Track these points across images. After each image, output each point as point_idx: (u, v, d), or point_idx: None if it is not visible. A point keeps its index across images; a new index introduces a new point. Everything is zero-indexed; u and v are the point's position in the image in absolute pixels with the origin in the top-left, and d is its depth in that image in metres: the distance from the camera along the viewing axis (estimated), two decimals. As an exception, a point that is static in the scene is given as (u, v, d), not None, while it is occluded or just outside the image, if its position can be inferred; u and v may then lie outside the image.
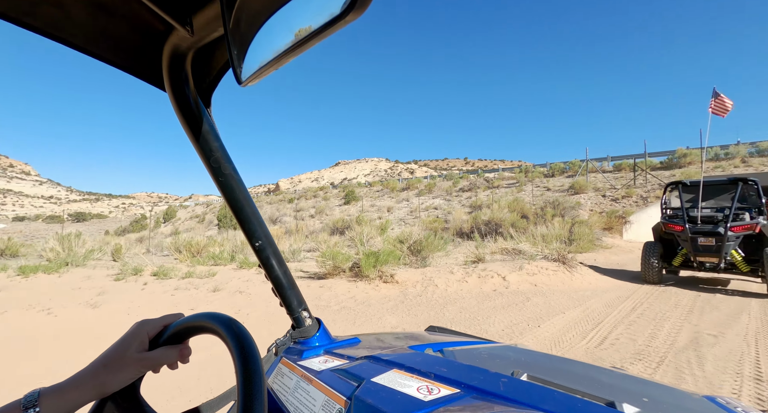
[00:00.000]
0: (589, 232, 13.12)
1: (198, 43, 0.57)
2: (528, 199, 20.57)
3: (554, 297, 5.67)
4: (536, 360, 0.98)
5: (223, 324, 0.52)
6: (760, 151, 17.87)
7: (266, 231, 0.84)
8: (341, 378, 0.72)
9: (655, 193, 16.87)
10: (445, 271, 6.32)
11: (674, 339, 4.02)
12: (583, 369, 0.95)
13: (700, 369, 3.24)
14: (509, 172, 28.80)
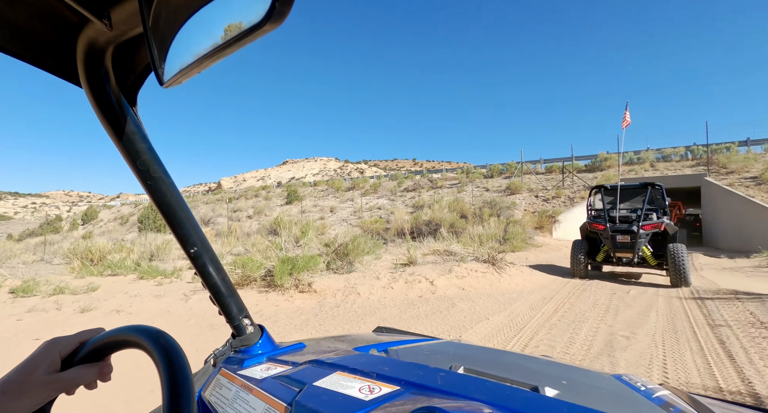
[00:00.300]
0: (522, 232, 13.53)
1: (118, 39, 0.53)
2: (468, 199, 21.02)
3: (481, 301, 5.45)
4: (473, 354, 1.06)
5: (150, 337, 0.50)
6: (664, 157, 20.01)
7: (202, 236, 0.79)
8: (283, 384, 0.71)
9: (581, 193, 18.03)
10: (372, 277, 5.85)
11: (590, 343, 3.90)
12: (514, 359, 1.05)
13: (613, 379, 3.07)
14: (452, 173, 29.43)
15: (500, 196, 20.23)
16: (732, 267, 10.17)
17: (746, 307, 4.94)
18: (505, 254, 12.20)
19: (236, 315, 0.88)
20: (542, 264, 10.73)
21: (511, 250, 12.61)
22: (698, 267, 10.44)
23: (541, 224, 16.13)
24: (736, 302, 5.28)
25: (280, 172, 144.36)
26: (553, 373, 0.90)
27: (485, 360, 1.01)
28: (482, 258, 7.19)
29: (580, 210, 16.93)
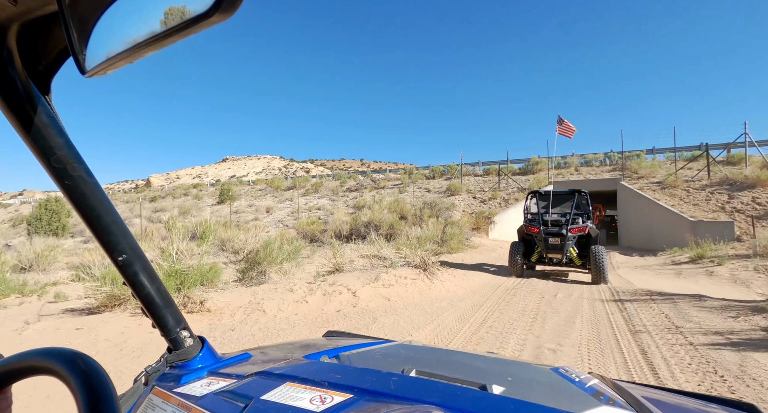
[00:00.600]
0: (460, 233, 13.51)
1: (25, 16, 0.47)
2: (409, 200, 20.87)
3: (407, 313, 4.92)
4: (424, 355, 1.09)
5: (64, 360, 0.44)
6: (587, 162, 21.64)
7: (132, 242, 0.72)
8: (226, 400, 0.68)
9: (515, 195, 18.71)
10: (285, 289, 5.05)
11: (517, 358, 3.53)
12: (463, 358, 1.10)
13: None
14: (395, 174, 29.29)
15: (440, 197, 20.34)
16: (643, 265, 10.93)
17: (661, 309, 4.98)
18: (441, 256, 12.07)
19: (173, 327, 0.81)
20: (478, 264, 10.67)
21: (448, 252, 12.49)
22: (615, 265, 11.09)
23: (478, 225, 16.37)
24: (651, 304, 5.35)
25: (219, 170, 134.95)
26: (499, 370, 0.95)
27: (436, 360, 1.04)
28: (414, 263, 6.72)
29: (514, 211, 17.52)
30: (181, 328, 0.83)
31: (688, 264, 10.02)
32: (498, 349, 3.82)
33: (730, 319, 4.24)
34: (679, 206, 13.69)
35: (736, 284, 7.75)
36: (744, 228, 11.83)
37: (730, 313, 4.47)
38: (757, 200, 12.61)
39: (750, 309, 4.47)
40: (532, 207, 8.92)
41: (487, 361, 1.05)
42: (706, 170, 15.16)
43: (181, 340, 0.83)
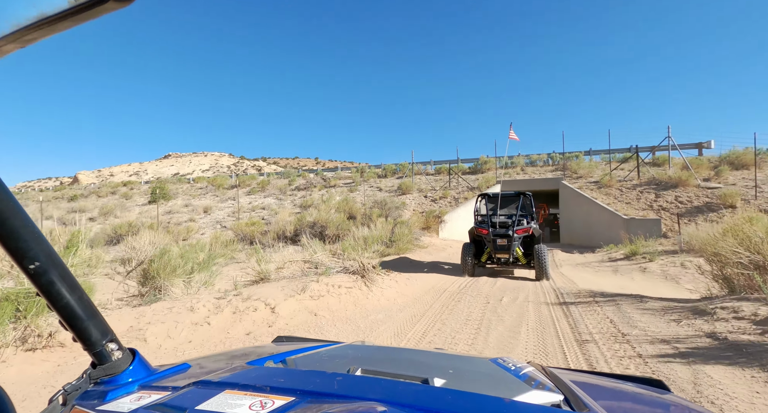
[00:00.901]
0: (409, 233, 13.03)
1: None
2: (360, 199, 20.17)
3: (335, 330, 4.19)
4: (371, 355, 1.11)
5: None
6: (532, 162, 22.41)
7: (47, 248, 0.66)
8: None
9: (465, 194, 18.73)
10: (184, 308, 4.08)
11: (461, 352, 2.94)
12: (408, 355, 1.15)
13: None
14: (347, 172, 28.43)
15: (391, 196, 19.86)
16: (583, 262, 11.17)
17: (605, 313, 4.72)
18: (388, 258, 11.51)
19: (97, 340, 0.75)
20: (425, 265, 10.23)
21: (397, 253, 11.95)
22: (558, 263, 11.23)
23: (428, 224, 16.08)
24: (595, 307, 5.10)
25: (160, 167, 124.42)
26: (442, 364, 1.00)
27: (382, 359, 1.05)
28: (352, 268, 6.00)
29: (464, 210, 17.49)
30: (108, 341, 0.77)
31: (623, 261, 10.34)
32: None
33: (673, 324, 4.01)
34: (614, 204, 14.35)
35: (667, 280, 7.97)
36: (669, 225, 12.58)
37: (671, 316, 4.28)
38: (679, 198, 13.54)
39: (690, 311, 4.31)
40: (482, 209, 9.19)
41: (432, 356, 1.11)
42: (636, 171, 16.11)
43: (107, 354, 0.77)
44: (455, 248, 14.69)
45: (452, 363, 1.02)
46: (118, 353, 0.78)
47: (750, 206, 12.01)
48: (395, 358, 1.07)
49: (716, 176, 14.24)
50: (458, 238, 16.82)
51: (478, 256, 8.40)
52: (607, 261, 10.74)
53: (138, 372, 0.81)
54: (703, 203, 12.93)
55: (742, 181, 13.75)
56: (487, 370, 0.96)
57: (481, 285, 7.13)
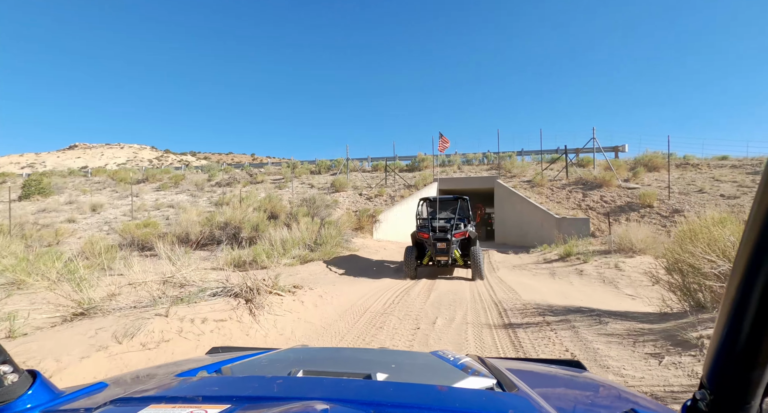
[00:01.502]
0: (337, 235, 11.44)
1: None
2: (288, 196, 18.09)
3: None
4: (313, 356, 1.09)
5: None
6: (468, 160, 22.21)
7: None
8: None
9: (401, 192, 17.65)
10: None
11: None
12: (352, 354, 1.18)
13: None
14: (277, 167, 25.94)
15: (324, 194, 18.10)
16: (519, 264, 10.57)
17: (563, 342, 3.62)
18: (311, 264, 9.82)
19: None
20: (351, 273, 8.73)
21: (321, 258, 10.30)
22: (495, 266, 10.49)
23: (361, 224, 14.64)
24: (548, 331, 4.00)
25: (63, 159, 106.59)
26: (385, 360, 1.00)
27: (325, 359, 1.05)
28: (233, 291, 4.24)
29: (400, 209, 16.36)
30: (0, 362, 0.67)
31: (558, 263, 9.87)
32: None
33: (653, 362, 2.97)
34: (546, 204, 14.23)
35: (605, 284, 7.43)
36: (596, 224, 12.64)
37: (645, 347, 3.27)
38: (604, 198, 13.80)
39: (665, 339, 3.35)
40: (424, 212, 9.48)
41: (374, 354, 1.15)
42: (565, 171, 16.35)
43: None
44: (390, 250, 13.45)
45: (394, 358, 1.06)
46: (12, 376, 0.67)
47: (664, 206, 12.47)
48: (338, 358, 1.09)
49: (634, 177, 14.87)
50: (393, 239, 15.64)
51: (420, 258, 8.61)
52: (543, 263, 10.22)
53: (39, 396, 0.71)
54: (625, 203, 13.26)
55: (656, 181, 14.47)
56: (428, 362, 1.01)
57: (412, 300, 5.83)
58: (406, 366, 0.95)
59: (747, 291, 0.46)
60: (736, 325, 0.48)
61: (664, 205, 12.54)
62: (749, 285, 0.45)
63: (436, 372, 0.90)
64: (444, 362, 0.97)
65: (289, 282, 5.39)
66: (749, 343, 0.47)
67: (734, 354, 0.49)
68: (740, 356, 0.48)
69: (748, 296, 0.46)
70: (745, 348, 0.48)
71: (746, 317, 0.46)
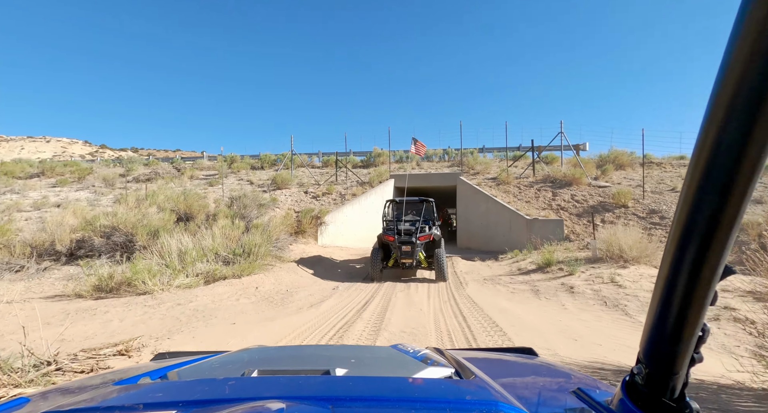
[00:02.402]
0: (265, 242, 8.79)
1: None
2: (216, 194, 15.01)
3: None
4: (269, 355, 1.02)
5: None
6: (428, 157, 20.33)
7: None
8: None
9: (353, 189, 15.27)
10: None
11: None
12: (310, 351, 1.12)
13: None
14: (213, 162, 22.43)
15: (262, 191, 15.24)
16: (490, 276, 8.62)
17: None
18: (216, 286, 7.04)
19: None
20: (273, 296, 6.15)
21: (239, 273, 7.62)
22: (461, 278, 8.45)
23: (303, 228, 12.06)
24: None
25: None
26: (343, 355, 0.97)
27: (281, 358, 1.00)
28: None
29: (351, 210, 13.97)
30: None
31: (538, 275, 8.02)
32: None
33: None
34: (515, 203, 12.59)
35: (608, 308, 5.57)
36: (570, 227, 11.12)
37: None
38: (575, 197, 12.42)
39: None
40: (389, 214, 9.24)
41: (333, 350, 1.12)
42: (531, 168, 14.91)
43: None
44: (337, 258, 11.00)
45: (354, 353, 1.02)
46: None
47: (640, 205, 11.25)
48: (296, 356, 1.04)
49: (603, 175, 13.73)
50: (342, 244, 13.21)
51: (386, 260, 8.43)
52: (519, 275, 8.33)
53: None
54: (598, 202, 11.93)
55: (625, 180, 13.41)
56: (388, 355, 0.99)
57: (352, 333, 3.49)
58: (366, 360, 0.94)
59: (676, 272, 0.50)
60: (666, 305, 0.52)
61: (639, 204, 11.31)
62: (677, 268, 0.49)
63: (396, 365, 0.91)
64: (404, 355, 0.98)
65: (129, 335, 2.81)
66: (677, 320, 0.52)
67: (665, 331, 0.54)
68: (670, 332, 0.53)
69: (676, 276, 0.50)
70: (674, 325, 0.52)
71: (674, 297, 0.51)
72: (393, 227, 8.28)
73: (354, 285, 7.81)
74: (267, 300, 6.34)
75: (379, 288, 7.48)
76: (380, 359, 0.94)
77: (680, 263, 0.49)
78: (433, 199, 9.11)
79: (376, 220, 14.80)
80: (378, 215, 15.15)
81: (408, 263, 8.02)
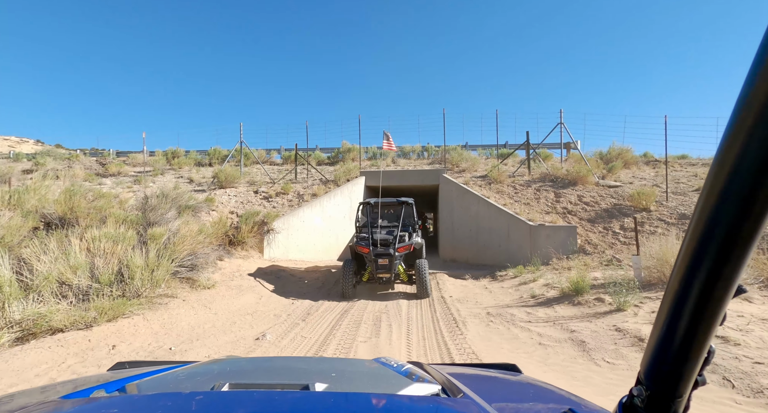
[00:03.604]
0: (165, 262, 5.76)
1: None
2: (142, 193, 11.69)
3: None
4: (241, 367, 0.95)
5: None
6: (405, 153, 17.82)
7: None
8: None
9: (314, 189, 12.37)
10: None
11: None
12: (286, 363, 1.02)
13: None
14: (153, 157, 18.82)
15: (198, 191, 12.08)
16: (494, 306, 5.99)
17: None
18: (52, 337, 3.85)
19: None
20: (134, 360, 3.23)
21: (89, 322, 4.55)
22: (454, 311, 5.75)
23: (242, 237, 9.04)
24: None
25: None
26: (322, 369, 0.91)
27: (255, 370, 0.93)
28: None
29: (310, 213, 11.06)
30: None
31: (566, 307, 5.44)
32: None
33: None
34: (512, 206, 10.15)
35: (742, 394, 3.03)
36: (583, 235, 8.76)
37: None
38: (583, 199, 10.14)
39: None
40: (362, 219, 7.94)
41: (312, 362, 1.04)
42: (524, 165, 12.59)
43: None
44: (287, 277, 8.10)
45: (334, 366, 0.97)
46: None
47: (665, 209, 9.06)
48: (270, 368, 0.94)
49: (610, 173, 11.58)
50: (298, 257, 10.27)
51: (359, 274, 7.25)
52: (537, 306, 5.75)
53: None
54: (611, 205, 9.68)
55: (635, 179, 11.30)
56: (371, 370, 0.94)
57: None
58: (348, 374, 0.89)
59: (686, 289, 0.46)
60: (674, 322, 0.49)
61: (664, 207, 9.13)
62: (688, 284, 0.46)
63: (381, 380, 0.86)
64: (387, 369, 0.93)
65: None
66: (684, 339, 0.48)
67: (670, 350, 0.50)
68: (675, 351, 0.50)
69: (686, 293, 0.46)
70: (681, 344, 0.49)
71: (683, 314, 0.48)
72: (367, 236, 7.10)
73: (297, 326, 4.97)
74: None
75: (335, 328, 4.68)
76: (363, 374, 0.91)
77: (692, 278, 0.45)
78: (413, 201, 7.81)
79: (342, 227, 12.01)
80: (344, 220, 12.43)
81: (385, 278, 6.98)
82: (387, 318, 5.38)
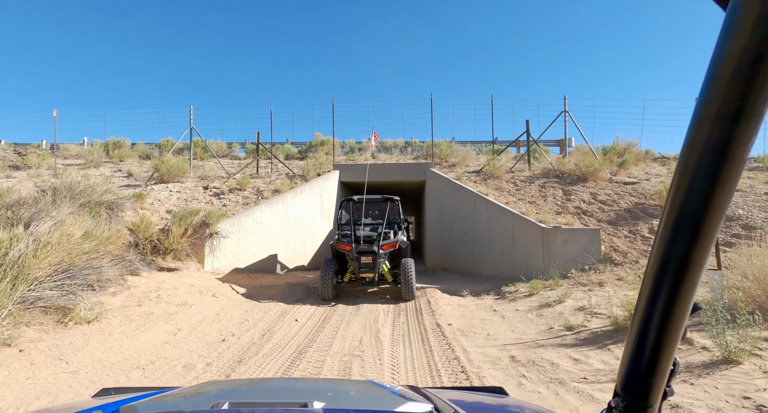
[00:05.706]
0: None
1: None
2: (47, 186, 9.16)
3: None
4: (239, 388, 0.97)
5: None
6: (386, 148, 15.88)
7: None
8: None
9: (275, 184, 10.19)
10: None
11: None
12: (282, 383, 1.08)
13: None
14: (89, 147, 16.02)
15: (126, 186, 9.70)
16: (516, 345, 4.05)
17: None
18: None
19: None
20: None
21: None
22: (459, 351, 3.81)
23: (171, 243, 6.78)
24: None
25: None
26: (319, 388, 0.95)
27: (252, 390, 0.95)
28: None
29: (269, 214, 8.87)
30: None
31: (619, 346, 3.59)
32: None
33: None
34: (515, 205, 8.35)
35: None
36: (607, 240, 7.05)
37: None
38: (598, 197, 8.49)
39: None
40: (344, 215, 7.41)
41: (308, 382, 1.13)
42: (522, 159, 10.90)
43: None
44: (222, 304, 5.90)
45: (330, 386, 0.99)
46: None
47: (696, 208, 7.48)
48: (268, 387, 0.99)
49: (621, 169, 10.05)
50: (254, 268, 8.07)
51: (341, 274, 6.81)
52: (580, 345, 3.86)
53: None
54: (632, 204, 8.07)
55: (649, 176, 9.80)
56: (365, 389, 0.96)
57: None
58: (344, 393, 0.91)
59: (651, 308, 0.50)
60: (642, 338, 0.52)
61: (696, 206, 7.54)
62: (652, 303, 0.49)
63: (375, 399, 0.88)
64: (382, 389, 0.95)
65: None
66: (652, 353, 0.52)
67: (641, 363, 0.53)
68: (645, 364, 0.53)
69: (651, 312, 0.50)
70: (650, 357, 0.52)
71: (650, 331, 0.51)
72: (350, 232, 6.65)
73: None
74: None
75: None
76: (358, 393, 0.93)
77: (656, 298, 0.49)
78: (398, 198, 7.31)
79: (310, 230, 9.87)
80: (313, 222, 10.31)
81: (368, 278, 6.61)
82: (361, 368, 3.33)
